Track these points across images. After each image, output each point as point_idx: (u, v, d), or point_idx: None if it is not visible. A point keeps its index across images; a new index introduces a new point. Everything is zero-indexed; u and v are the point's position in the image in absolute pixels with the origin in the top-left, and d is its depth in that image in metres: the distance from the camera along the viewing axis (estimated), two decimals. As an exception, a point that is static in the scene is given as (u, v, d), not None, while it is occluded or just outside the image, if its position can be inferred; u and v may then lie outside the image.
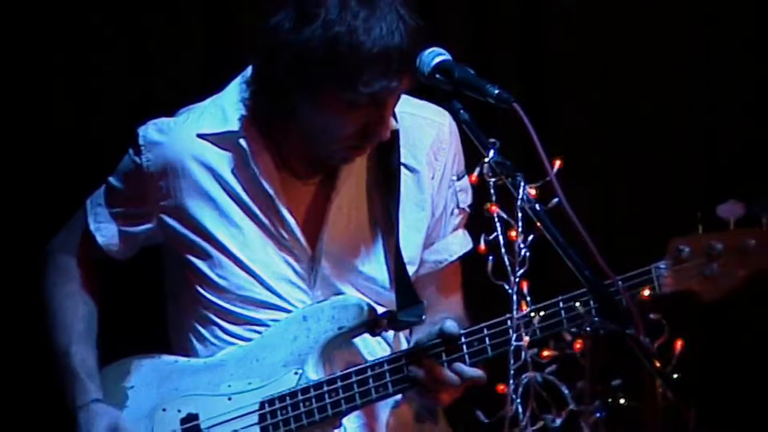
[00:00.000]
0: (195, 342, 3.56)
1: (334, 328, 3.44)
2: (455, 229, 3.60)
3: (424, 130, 3.49)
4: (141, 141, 3.50)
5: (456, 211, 3.56)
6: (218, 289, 3.50)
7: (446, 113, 3.45)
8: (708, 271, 3.35)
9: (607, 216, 4.73)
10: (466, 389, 3.40)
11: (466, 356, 3.34)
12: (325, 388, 3.41)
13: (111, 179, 3.58)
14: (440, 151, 3.51)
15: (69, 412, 3.50)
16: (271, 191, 3.44)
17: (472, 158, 3.36)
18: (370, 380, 3.41)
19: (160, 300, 3.69)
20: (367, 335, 3.47)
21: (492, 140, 3.13)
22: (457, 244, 3.61)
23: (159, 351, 3.57)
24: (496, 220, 3.07)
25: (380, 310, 3.46)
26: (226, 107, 3.48)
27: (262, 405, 3.43)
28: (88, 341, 3.57)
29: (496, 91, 3.13)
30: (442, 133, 3.46)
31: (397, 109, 3.41)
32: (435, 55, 3.21)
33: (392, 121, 3.44)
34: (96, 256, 3.61)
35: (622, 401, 3.02)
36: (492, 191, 3.10)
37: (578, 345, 3.02)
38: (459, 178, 3.55)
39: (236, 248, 3.47)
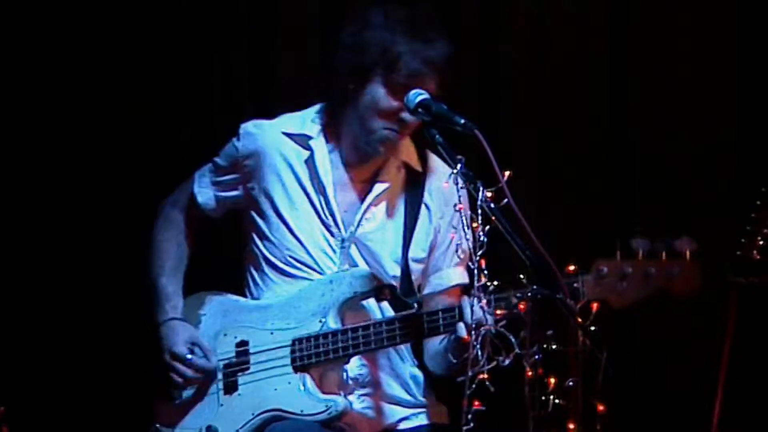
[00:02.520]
0: (249, 282, 4.12)
1: (351, 291, 3.95)
2: (457, 265, 4.09)
3: (443, 183, 3.89)
4: (241, 131, 4.09)
5: (459, 250, 3.91)
6: (272, 245, 4.04)
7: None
8: (619, 287, 3.73)
9: (542, 213, 5.09)
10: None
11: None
12: (339, 336, 3.92)
13: (215, 158, 4.13)
14: (450, 202, 3.89)
15: (154, 328, 4.02)
16: (325, 182, 4.02)
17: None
18: (372, 334, 3.92)
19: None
20: (373, 300, 3.99)
21: (459, 156, 3.66)
22: (457, 276, 4.09)
23: (226, 291, 4.13)
24: (462, 215, 3.64)
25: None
26: (306, 117, 4.09)
27: (293, 342, 3.96)
28: (174, 275, 4.11)
29: (462, 121, 3.69)
30: (454, 190, 3.71)
31: (431, 164, 4.04)
32: (418, 95, 3.82)
33: (419, 166, 4.03)
34: (197, 214, 4.15)
35: (554, 347, 3.52)
36: (459, 194, 3.64)
37: (522, 306, 3.61)
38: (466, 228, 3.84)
39: (291, 219, 4.03)
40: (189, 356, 4.00)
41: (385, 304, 4.03)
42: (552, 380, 3.49)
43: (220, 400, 4.01)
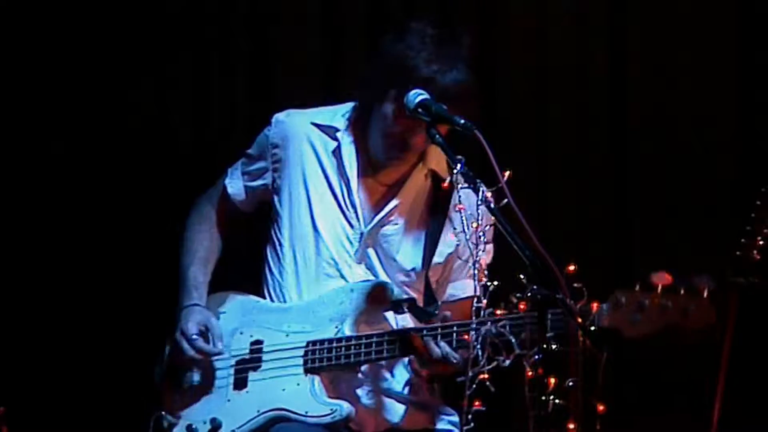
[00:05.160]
0: (266, 270, 4.18)
1: (370, 301, 4.00)
2: (471, 277, 3.85)
3: (471, 200, 3.69)
4: (273, 120, 4.17)
5: (477, 265, 3.77)
6: (292, 233, 4.11)
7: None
8: (634, 318, 3.71)
9: (542, 213, 5.15)
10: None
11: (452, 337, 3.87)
12: (353, 342, 3.96)
13: (248, 150, 4.22)
14: (476, 218, 3.70)
15: (176, 312, 4.09)
16: (349, 175, 4.08)
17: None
18: (385, 344, 3.94)
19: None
20: (392, 313, 4.03)
21: (459, 156, 3.70)
22: (471, 287, 3.83)
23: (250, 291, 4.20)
24: (462, 215, 3.68)
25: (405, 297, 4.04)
26: (338, 112, 4.15)
27: (308, 344, 4.00)
28: (204, 265, 4.20)
29: (462, 121, 3.72)
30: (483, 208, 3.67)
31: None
32: (417, 95, 3.81)
33: (447, 174, 3.88)
34: (228, 207, 4.25)
35: (554, 347, 3.52)
36: (459, 194, 3.68)
37: (522, 306, 3.62)
38: (486, 244, 3.82)
39: (313, 207, 4.10)
40: (195, 336, 4.04)
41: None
42: (552, 380, 3.49)
43: (228, 394, 4.06)
